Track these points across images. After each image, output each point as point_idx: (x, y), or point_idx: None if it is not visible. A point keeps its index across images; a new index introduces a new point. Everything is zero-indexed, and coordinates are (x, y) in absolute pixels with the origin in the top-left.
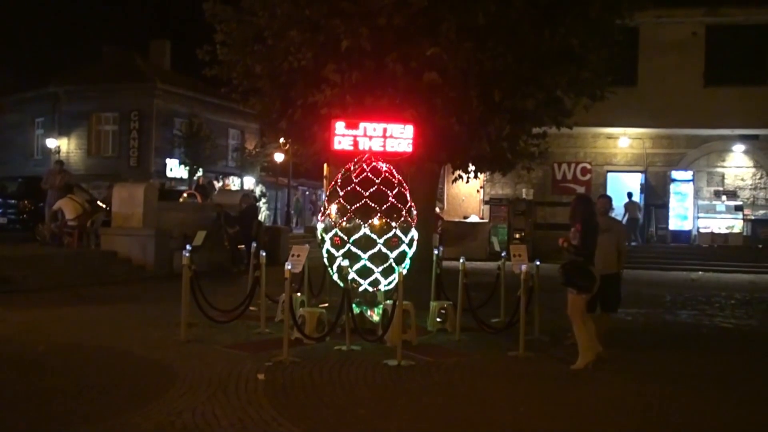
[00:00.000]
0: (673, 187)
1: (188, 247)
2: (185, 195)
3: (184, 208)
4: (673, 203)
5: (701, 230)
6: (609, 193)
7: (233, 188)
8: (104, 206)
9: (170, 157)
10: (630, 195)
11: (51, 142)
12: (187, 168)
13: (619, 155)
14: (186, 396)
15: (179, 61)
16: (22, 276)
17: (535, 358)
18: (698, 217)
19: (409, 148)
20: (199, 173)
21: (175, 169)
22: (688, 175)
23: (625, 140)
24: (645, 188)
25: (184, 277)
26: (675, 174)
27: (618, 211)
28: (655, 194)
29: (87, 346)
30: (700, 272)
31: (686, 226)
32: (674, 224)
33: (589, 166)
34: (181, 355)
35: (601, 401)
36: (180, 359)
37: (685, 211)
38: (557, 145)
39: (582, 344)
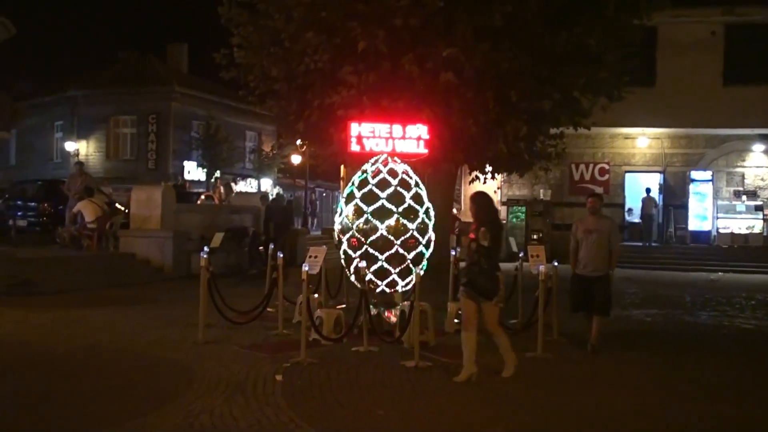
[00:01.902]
0: (692, 187)
1: (206, 248)
2: (203, 197)
3: (201, 209)
4: (693, 203)
5: (721, 230)
6: (627, 193)
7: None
8: (123, 209)
9: (188, 160)
10: (648, 191)
11: (70, 146)
12: (205, 170)
13: (638, 155)
14: (204, 397)
15: (197, 65)
16: (42, 278)
17: (554, 359)
18: (718, 218)
19: (426, 149)
20: (217, 174)
21: (193, 171)
22: (707, 175)
23: (643, 140)
24: (663, 188)
25: (202, 279)
26: (694, 174)
27: (636, 209)
28: (674, 194)
29: (106, 347)
30: (720, 273)
31: (705, 226)
32: (693, 225)
33: (607, 167)
34: (199, 356)
35: (620, 403)
36: (198, 360)
37: (704, 211)
38: (575, 146)
39: (464, 354)
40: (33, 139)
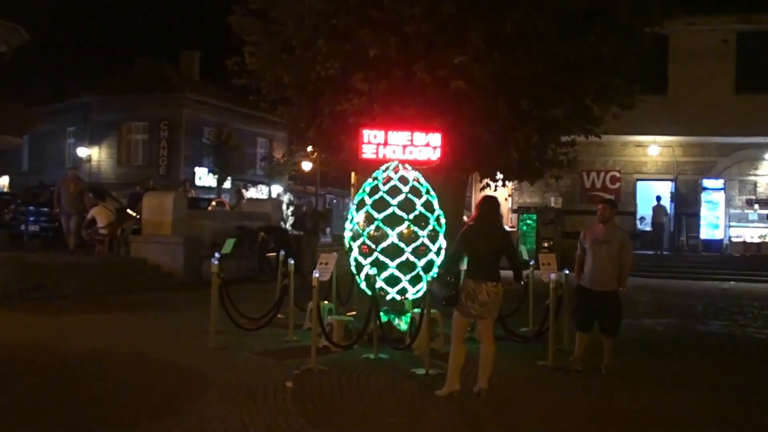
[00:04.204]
0: (704, 195)
1: (217, 254)
2: (214, 203)
3: (213, 216)
4: (704, 212)
5: (733, 239)
6: (638, 201)
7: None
8: (134, 214)
9: (199, 166)
10: (659, 199)
11: (82, 152)
12: (216, 176)
13: (649, 163)
14: (215, 403)
15: (208, 72)
16: (54, 283)
17: (565, 368)
18: (730, 226)
19: (437, 157)
20: (225, 181)
21: (204, 177)
22: (719, 183)
23: (654, 148)
24: (675, 197)
25: (213, 285)
26: (706, 182)
27: (648, 217)
28: (686, 203)
29: (117, 352)
30: (732, 282)
31: (717, 235)
32: (705, 233)
33: (618, 175)
34: (209, 362)
35: (632, 412)
36: (209, 366)
37: (716, 219)
38: (586, 153)
39: (449, 369)
40: (45, 144)
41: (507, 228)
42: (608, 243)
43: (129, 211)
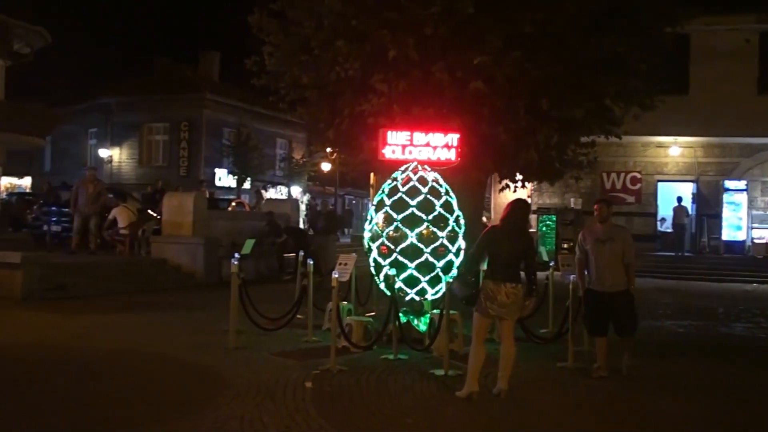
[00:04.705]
0: (726, 196)
1: (236, 255)
2: (233, 204)
3: (233, 216)
4: (726, 213)
5: (756, 241)
6: (659, 203)
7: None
8: (155, 215)
9: (219, 167)
10: (680, 199)
11: (103, 152)
12: (236, 177)
13: (670, 164)
14: (234, 403)
15: (228, 73)
16: (75, 283)
17: (586, 369)
18: (752, 228)
19: (456, 157)
20: (245, 181)
21: (224, 178)
22: (741, 184)
23: (676, 149)
24: (696, 198)
25: (232, 285)
26: (728, 183)
27: (669, 218)
28: (707, 204)
29: (137, 351)
30: (755, 284)
31: (740, 236)
32: (727, 235)
33: (639, 175)
34: (229, 362)
35: (652, 416)
36: (228, 366)
37: (738, 221)
38: (606, 154)
39: (468, 370)
40: (68, 145)
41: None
42: (611, 241)
43: (150, 211)
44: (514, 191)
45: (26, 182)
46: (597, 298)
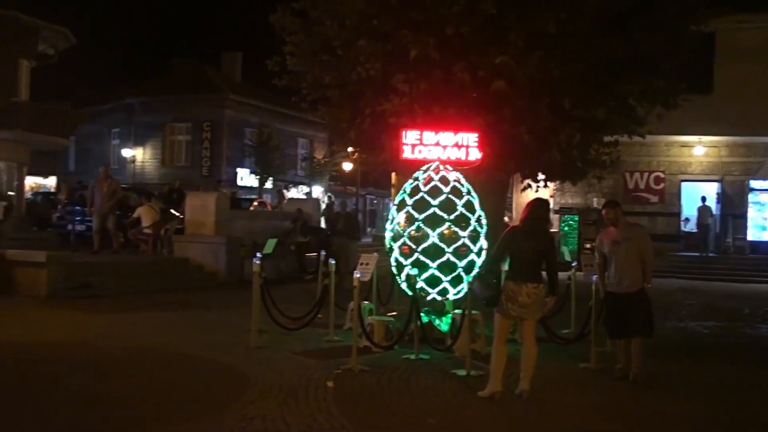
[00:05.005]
0: (751, 196)
1: (258, 254)
2: (255, 203)
3: (254, 216)
4: (752, 213)
5: None
6: (683, 202)
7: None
8: (178, 214)
9: (241, 167)
10: (704, 199)
11: (126, 152)
12: (258, 177)
13: (694, 164)
14: (256, 402)
15: (250, 73)
16: (100, 282)
17: (608, 370)
18: None
19: (478, 157)
20: (266, 181)
21: (246, 178)
22: (766, 184)
23: (700, 148)
24: (721, 198)
25: (254, 285)
26: (753, 183)
27: (693, 218)
28: (732, 204)
29: (161, 350)
30: None
31: (765, 236)
32: (752, 235)
33: (662, 175)
34: (251, 361)
35: (676, 418)
36: (250, 365)
37: (763, 221)
38: (629, 154)
39: (491, 370)
40: (91, 145)
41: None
42: (627, 240)
43: (173, 211)
44: (536, 191)
45: (51, 182)
46: (616, 301)
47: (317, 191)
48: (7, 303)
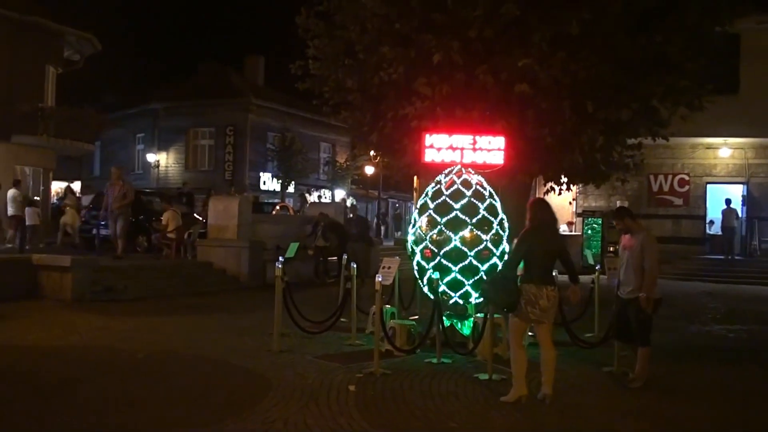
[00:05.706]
0: None
1: (281, 258)
2: (278, 207)
3: (277, 220)
4: None
5: None
6: (708, 205)
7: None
8: (201, 219)
9: (264, 171)
10: (728, 202)
11: (151, 157)
12: (280, 181)
13: (719, 166)
14: (279, 405)
15: (272, 77)
16: (123, 286)
17: (630, 374)
18: None
19: (500, 160)
20: (289, 185)
21: (268, 182)
22: None
23: (725, 150)
24: (747, 200)
25: (277, 288)
26: None
27: (718, 221)
28: (758, 206)
29: (183, 353)
30: None
31: None
32: None
33: (687, 178)
34: (274, 365)
35: (701, 420)
36: (273, 369)
37: None
38: (653, 156)
39: (513, 374)
40: (116, 150)
41: (565, 230)
42: (630, 248)
43: (196, 215)
44: (559, 194)
45: (76, 187)
46: (620, 305)
47: (339, 195)
48: (33, 306)
